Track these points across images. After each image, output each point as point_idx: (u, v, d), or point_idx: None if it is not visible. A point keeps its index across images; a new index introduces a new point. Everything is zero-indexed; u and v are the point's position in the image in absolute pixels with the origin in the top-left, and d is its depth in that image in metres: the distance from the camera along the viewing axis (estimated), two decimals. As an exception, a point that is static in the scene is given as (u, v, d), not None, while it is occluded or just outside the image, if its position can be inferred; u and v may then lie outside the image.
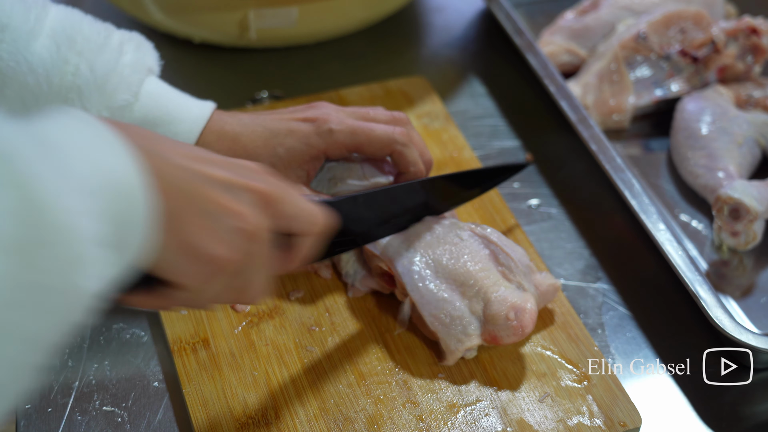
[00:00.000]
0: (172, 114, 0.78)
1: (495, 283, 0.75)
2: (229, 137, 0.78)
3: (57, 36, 0.74)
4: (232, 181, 0.56)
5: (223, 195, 0.55)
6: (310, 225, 0.62)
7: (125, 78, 0.76)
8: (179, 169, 0.53)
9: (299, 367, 0.76)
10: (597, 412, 0.73)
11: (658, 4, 1.09)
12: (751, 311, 0.85)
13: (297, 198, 0.61)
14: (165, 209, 0.51)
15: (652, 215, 0.86)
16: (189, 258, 0.54)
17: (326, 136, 0.79)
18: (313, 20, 1.09)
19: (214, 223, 0.55)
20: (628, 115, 1.03)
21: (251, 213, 0.57)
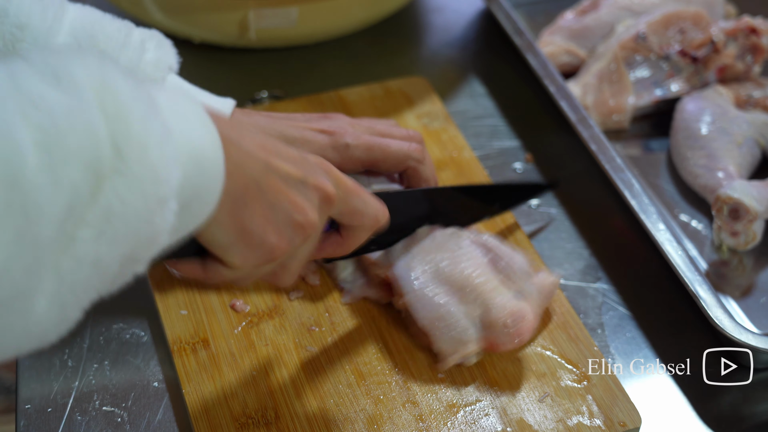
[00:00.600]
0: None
1: (494, 289, 0.75)
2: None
3: (77, 33, 0.74)
4: (299, 176, 0.59)
5: (289, 189, 0.58)
6: (373, 220, 0.67)
7: (148, 75, 0.76)
8: (256, 162, 0.56)
9: (299, 367, 0.76)
10: (597, 412, 0.73)
11: (657, 5, 1.09)
12: (751, 311, 0.85)
13: (361, 194, 0.66)
14: (232, 193, 0.54)
15: (652, 215, 0.86)
16: (245, 242, 0.57)
17: (342, 151, 0.78)
18: (313, 20, 1.09)
19: (276, 214, 0.58)
20: (627, 116, 1.03)
21: (311, 209, 0.60)
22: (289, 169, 0.59)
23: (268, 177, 0.57)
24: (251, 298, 0.82)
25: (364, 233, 0.68)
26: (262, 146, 0.58)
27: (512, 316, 0.73)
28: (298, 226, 0.59)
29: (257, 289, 0.82)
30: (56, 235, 0.42)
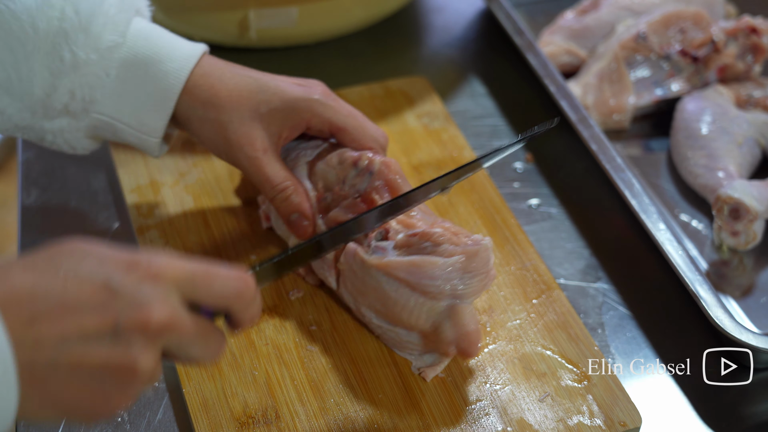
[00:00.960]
0: (161, 53, 0.76)
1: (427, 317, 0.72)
2: (216, 77, 0.78)
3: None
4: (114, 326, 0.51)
5: (97, 349, 0.51)
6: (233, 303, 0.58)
7: (111, 18, 0.75)
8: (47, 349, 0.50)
9: (299, 366, 0.76)
10: (597, 412, 0.73)
11: (657, 5, 1.10)
12: (751, 311, 0.85)
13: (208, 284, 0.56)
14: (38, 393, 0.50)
15: (652, 215, 0.86)
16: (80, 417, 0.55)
17: (314, 105, 0.78)
18: (313, 20, 1.09)
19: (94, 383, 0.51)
20: (628, 115, 1.03)
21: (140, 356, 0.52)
22: (92, 324, 0.50)
23: (66, 356, 0.50)
24: (251, 297, 0.82)
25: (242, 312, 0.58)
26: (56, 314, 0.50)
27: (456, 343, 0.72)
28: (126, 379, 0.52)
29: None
30: None
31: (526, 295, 0.82)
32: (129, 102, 0.77)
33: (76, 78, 0.74)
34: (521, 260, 0.85)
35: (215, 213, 0.89)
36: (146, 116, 0.77)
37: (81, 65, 0.74)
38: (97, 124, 0.78)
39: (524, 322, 0.80)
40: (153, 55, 0.76)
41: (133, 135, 0.78)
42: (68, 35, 0.73)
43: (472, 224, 0.88)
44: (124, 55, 0.76)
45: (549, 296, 0.82)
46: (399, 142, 0.97)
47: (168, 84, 0.76)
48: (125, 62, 0.76)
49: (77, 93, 0.75)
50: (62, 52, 0.73)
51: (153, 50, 0.76)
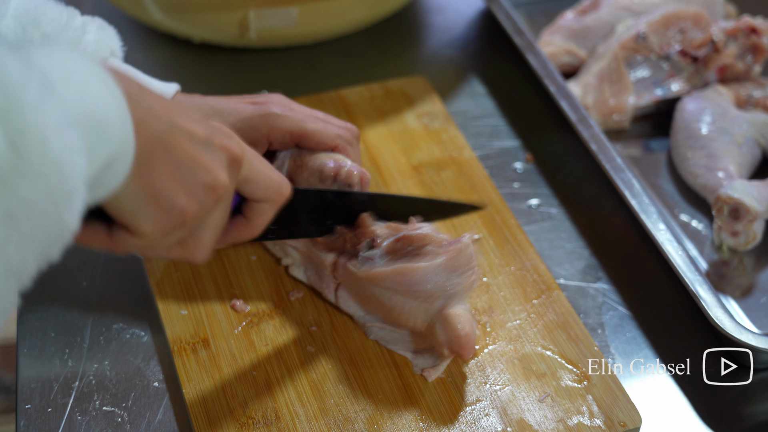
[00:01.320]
0: None
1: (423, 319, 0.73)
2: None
3: (21, 17, 0.74)
4: (204, 136, 0.57)
5: (197, 149, 0.56)
6: (272, 192, 0.65)
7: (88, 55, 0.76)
8: (160, 120, 0.54)
9: (299, 367, 0.76)
10: (597, 412, 0.73)
11: (657, 5, 1.10)
12: (751, 311, 0.85)
13: (264, 165, 0.64)
14: (140, 154, 0.51)
15: (652, 215, 0.86)
16: (154, 206, 0.55)
17: (270, 119, 0.78)
18: (313, 20, 1.09)
19: (184, 175, 0.56)
20: (628, 115, 1.03)
21: (220, 170, 0.58)
22: (194, 128, 0.57)
23: (173, 136, 0.55)
24: (252, 298, 0.82)
25: (270, 209, 0.66)
26: (164, 105, 0.55)
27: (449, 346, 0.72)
28: (209, 187, 0.57)
29: (258, 289, 0.82)
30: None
31: (526, 295, 0.82)
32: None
33: None
34: (521, 260, 0.85)
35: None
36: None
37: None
38: None
39: (524, 322, 0.80)
40: None
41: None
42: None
43: (472, 224, 0.88)
44: None
45: (549, 296, 0.82)
46: (399, 142, 0.97)
47: None
48: None
49: None
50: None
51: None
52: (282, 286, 0.83)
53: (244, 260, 0.85)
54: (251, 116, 0.78)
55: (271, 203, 0.66)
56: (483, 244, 0.86)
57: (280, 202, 0.66)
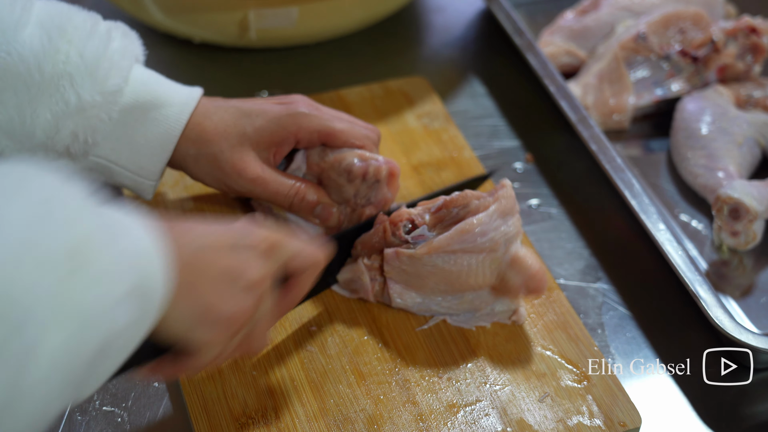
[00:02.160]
0: (162, 98, 0.78)
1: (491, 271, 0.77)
2: (201, 114, 0.79)
3: (45, 25, 0.74)
4: (229, 242, 0.60)
5: (227, 257, 0.59)
6: (309, 260, 0.66)
7: (115, 63, 0.76)
8: (186, 248, 0.57)
9: (299, 367, 0.76)
10: (597, 412, 0.73)
11: (657, 5, 1.10)
12: (751, 311, 0.85)
13: (295, 238, 0.65)
14: (181, 283, 0.55)
15: (652, 215, 0.86)
16: (204, 321, 0.58)
17: (298, 118, 0.80)
18: (313, 20, 1.09)
19: (222, 285, 0.59)
20: (628, 115, 1.03)
21: (254, 265, 0.61)
22: (218, 239, 0.60)
23: (202, 255, 0.58)
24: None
25: (311, 276, 0.68)
26: (185, 231, 0.59)
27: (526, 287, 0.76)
28: (249, 287, 0.60)
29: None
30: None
31: (526, 295, 0.82)
32: (128, 145, 0.78)
33: (80, 120, 0.75)
34: (521, 260, 0.85)
35: (215, 214, 0.89)
36: (144, 160, 0.79)
37: (86, 108, 0.75)
38: (93, 167, 0.78)
39: (524, 322, 0.80)
40: (153, 99, 0.78)
41: (129, 178, 0.79)
42: (74, 78, 0.74)
43: (472, 224, 0.88)
44: (127, 99, 0.77)
45: (549, 296, 0.82)
46: (399, 142, 0.97)
47: (167, 128, 0.78)
48: (127, 106, 0.77)
49: (80, 135, 0.76)
50: (67, 95, 0.74)
51: (153, 95, 0.78)
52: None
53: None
54: (279, 116, 0.80)
55: (312, 271, 0.67)
56: (483, 244, 0.87)
57: (321, 268, 0.68)
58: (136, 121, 0.77)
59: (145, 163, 0.79)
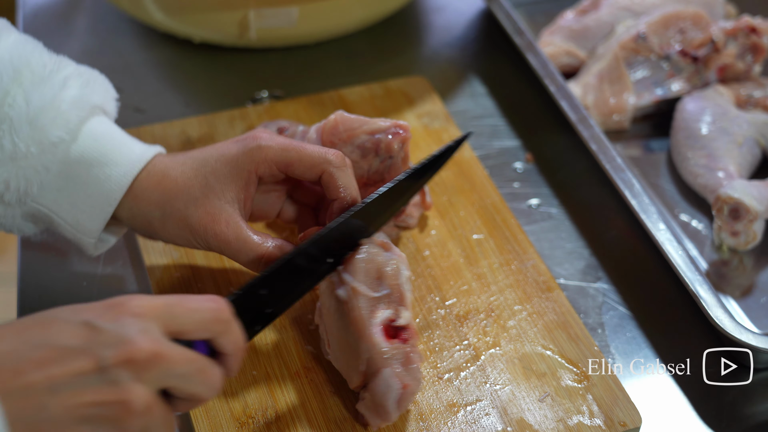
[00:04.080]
0: (109, 156, 0.74)
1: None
2: (159, 172, 0.75)
3: (2, 65, 0.71)
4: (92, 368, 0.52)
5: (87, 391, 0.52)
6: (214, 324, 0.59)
7: (62, 113, 0.72)
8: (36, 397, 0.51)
9: (299, 367, 0.76)
10: (597, 412, 0.73)
11: (657, 5, 1.10)
12: (751, 311, 0.85)
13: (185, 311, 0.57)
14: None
15: (652, 215, 0.86)
16: None
17: (255, 153, 0.74)
18: (313, 20, 1.09)
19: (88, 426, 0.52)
20: (628, 115, 1.03)
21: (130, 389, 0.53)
22: (77, 367, 0.52)
23: (57, 401, 0.51)
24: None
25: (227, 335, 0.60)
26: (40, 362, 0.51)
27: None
28: (120, 417, 0.52)
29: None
30: None
31: (526, 295, 0.82)
32: (68, 199, 0.74)
33: (13, 169, 0.72)
34: (521, 260, 0.85)
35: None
36: (83, 217, 0.74)
37: (20, 157, 0.71)
38: (34, 212, 0.75)
39: (524, 322, 0.80)
40: (99, 156, 0.73)
41: (69, 231, 0.76)
42: (13, 124, 0.71)
43: (472, 224, 0.88)
44: (69, 153, 0.73)
45: (549, 296, 0.82)
46: (399, 142, 0.97)
47: (109, 189, 0.74)
48: (69, 160, 0.73)
49: (12, 184, 0.72)
50: (3, 140, 0.71)
51: (100, 152, 0.74)
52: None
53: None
54: (236, 155, 0.74)
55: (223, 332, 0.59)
56: (483, 245, 0.87)
57: (228, 325, 0.59)
58: (78, 177, 0.73)
59: (84, 220, 0.74)
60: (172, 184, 0.74)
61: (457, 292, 0.82)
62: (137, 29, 1.17)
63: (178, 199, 0.74)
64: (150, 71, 1.12)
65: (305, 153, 0.74)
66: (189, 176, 0.74)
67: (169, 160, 0.76)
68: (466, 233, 0.88)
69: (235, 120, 1.00)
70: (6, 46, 0.73)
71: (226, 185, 0.74)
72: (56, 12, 1.19)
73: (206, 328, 0.58)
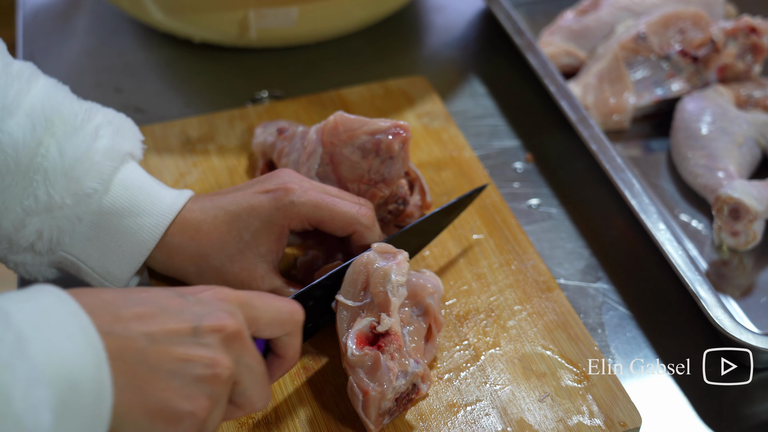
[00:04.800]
0: (140, 206, 0.74)
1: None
2: (192, 227, 0.76)
3: (35, 115, 0.71)
4: (188, 329, 0.56)
5: (185, 347, 0.55)
6: (289, 325, 0.63)
7: (95, 164, 0.73)
8: (131, 340, 0.53)
9: (299, 366, 0.76)
10: (597, 412, 0.73)
11: (657, 5, 1.10)
12: (751, 311, 0.85)
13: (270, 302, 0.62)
14: (123, 385, 0.52)
15: (652, 215, 0.86)
16: (160, 423, 0.54)
17: (288, 210, 0.75)
18: (313, 20, 1.09)
19: (179, 380, 0.55)
20: (628, 115, 1.03)
21: (218, 355, 0.56)
22: (174, 326, 0.55)
23: (154, 348, 0.54)
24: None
25: (294, 337, 0.64)
26: (139, 316, 0.55)
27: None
28: (208, 379, 0.56)
29: (257, 289, 0.82)
30: None
31: (526, 295, 0.82)
32: (98, 248, 0.74)
33: (47, 219, 0.72)
34: (521, 260, 0.85)
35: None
36: (113, 266, 0.75)
37: (54, 208, 0.72)
38: (61, 260, 0.75)
39: (524, 322, 0.80)
40: (130, 206, 0.74)
41: (96, 280, 0.76)
42: (48, 176, 0.71)
43: (472, 224, 0.88)
44: (102, 204, 0.73)
45: (549, 296, 0.82)
46: (399, 142, 0.97)
47: (141, 239, 0.74)
48: (101, 210, 0.73)
49: (45, 234, 0.72)
50: (38, 191, 0.71)
51: (131, 201, 0.74)
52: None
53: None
54: (269, 212, 0.75)
55: (292, 333, 0.64)
56: (483, 245, 0.87)
57: (300, 327, 0.64)
58: (110, 226, 0.74)
59: (113, 270, 0.75)
60: (207, 239, 0.76)
61: (456, 292, 0.82)
62: (137, 29, 1.17)
63: (213, 256, 0.76)
64: (150, 71, 1.12)
65: (337, 212, 0.77)
66: (222, 231, 0.76)
67: (200, 212, 0.76)
68: (466, 233, 0.88)
69: (235, 120, 1.00)
70: (36, 94, 0.73)
71: (260, 240, 0.76)
72: (56, 12, 1.19)
73: (280, 325, 0.62)
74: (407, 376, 0.69)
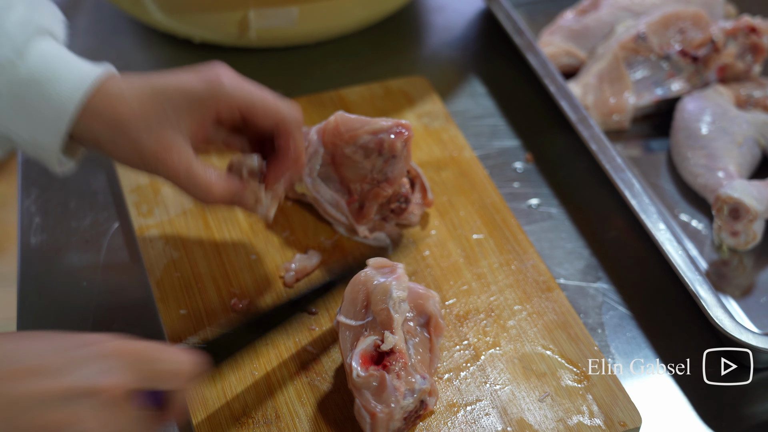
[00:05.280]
0: (57, 73, 0.72)
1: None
2: (114, 95, 0.73)
3: None
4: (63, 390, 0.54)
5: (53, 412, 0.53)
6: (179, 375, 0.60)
7: (7, 33, 0.71)
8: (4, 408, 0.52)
9: (299, 366, 0.76)
10: (597, 412, 0.73)
11: (657, 5, 1.10)
12: (751, 311, 0.85)
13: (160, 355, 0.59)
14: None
15: (652, 215, 0.86)
16: None
17: (218, 91, 0.74)
18: (313, 20, 1.09)
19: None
20: (628, 115, 1.03)
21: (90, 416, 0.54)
22: (48, 386, 0.53)
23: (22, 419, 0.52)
24: (252, 297, 0.82)
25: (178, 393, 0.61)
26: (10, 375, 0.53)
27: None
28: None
29: (258, 289, 0.82)
30: None
31: (526, 295, 0.82)
32: (24, 119, 0.73)
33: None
34: (521, 260, 0.85)
35: (215, 213, 0.89)
36: (39, 135, 0.73)
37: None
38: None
39: (524, 322, 0.80)
40: (49, 75, 0.72)
41: (30, 150, 0.75)
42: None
43: (472, 224, 0.88)
44: (19, 74, 0.72)
45: (549, 296, 0.82)
46: (399, 142, 0.97)
47: (60, 105, 0.72)
48: (19, 81, 0.72)
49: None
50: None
51: (49, 71, 0.72)
52: (282, 286, 0.83)
53: (244, 260, 0.85)
54: (198, 92, 0.74)
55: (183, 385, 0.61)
56: (483, 244, 0.87)
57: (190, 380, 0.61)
58: (30, 96, 0.72)
59: (40, 139, 0.73)
60: (127, 107, 0.73)
61: (457, 292, 0.82)
62: (137, 29, 1.17)
63: (131, 124, 0.73)
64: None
65: (268, 99, 0.76)
66: (145, 102, 0.73)
67: (124, 83, 0.74)
68: (466, 233, 0.88)
69: (235, 120, 1.00)
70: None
71: (183, 118, 0.74)
72: (56, 12, 1.19)
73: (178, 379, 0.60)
74: (414, 394, 0.68)
